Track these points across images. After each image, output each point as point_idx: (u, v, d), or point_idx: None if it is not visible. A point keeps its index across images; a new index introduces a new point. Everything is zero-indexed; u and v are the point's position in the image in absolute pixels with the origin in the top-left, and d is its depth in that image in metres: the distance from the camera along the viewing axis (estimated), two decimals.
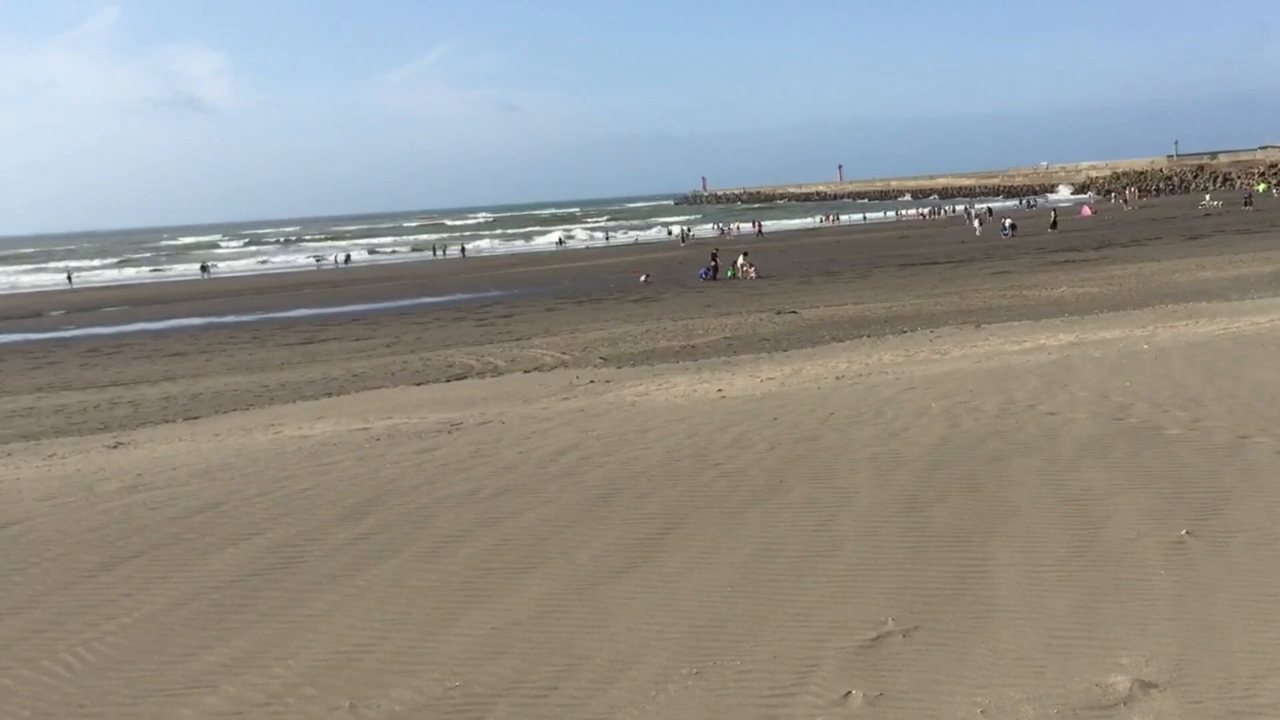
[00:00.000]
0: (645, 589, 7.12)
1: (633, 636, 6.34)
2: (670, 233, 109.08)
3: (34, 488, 12.23)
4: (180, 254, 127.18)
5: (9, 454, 16.78)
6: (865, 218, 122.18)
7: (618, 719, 5.37)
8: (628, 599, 6.97)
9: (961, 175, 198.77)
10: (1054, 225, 66.94)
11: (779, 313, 31.67)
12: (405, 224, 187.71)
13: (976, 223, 75.78)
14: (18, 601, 7.63)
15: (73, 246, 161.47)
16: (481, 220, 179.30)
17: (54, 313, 54.24)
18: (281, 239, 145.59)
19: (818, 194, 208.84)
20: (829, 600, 6.68)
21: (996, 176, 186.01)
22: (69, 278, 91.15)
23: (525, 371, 22.87)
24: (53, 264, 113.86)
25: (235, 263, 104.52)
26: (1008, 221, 70.44)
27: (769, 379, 17.37)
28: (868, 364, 18.27)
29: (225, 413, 20.58)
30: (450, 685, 5.85)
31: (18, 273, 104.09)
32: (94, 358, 33.78)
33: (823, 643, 6.04)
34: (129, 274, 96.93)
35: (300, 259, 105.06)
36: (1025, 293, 32.08)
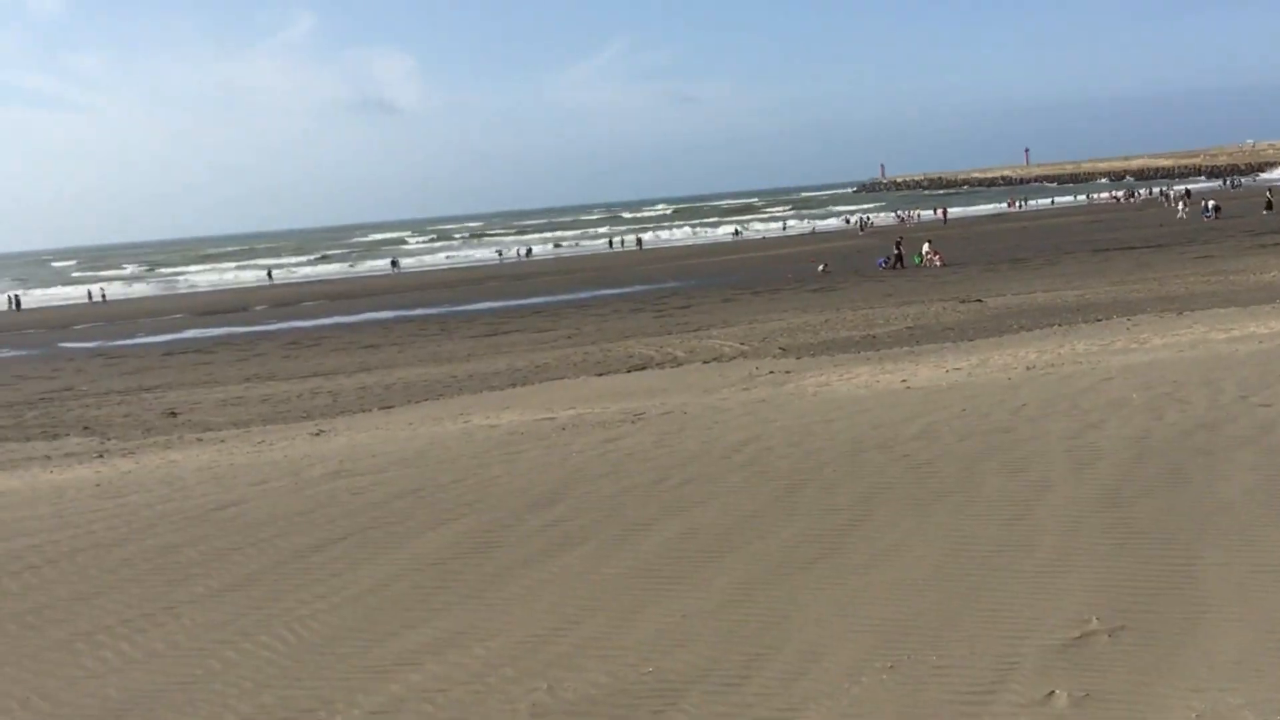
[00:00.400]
0: (835, 581, 7.06)
1: (823, 628, 6.29)
2: (848, 221, 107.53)
3: (246, 472, 12.99)
4: (371, 250, 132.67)
5: (222, 440, 17.87)
6: (1054, 202, 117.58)
7: (811, 711, 5.35)
8: (817, 590, 6.92)
9: (1159, 156, 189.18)
10: (1269, 207, 62.80)
11: (963, 301, 30.82)
12: (583, 217, 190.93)
13: (1180, 205, 71.90)
14: (237, 579, 8.13)
15: (272, 244, 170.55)
16: (660, 212, 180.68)
17: (258, 307, 57.40)
18: (466, 234, 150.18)
19: (1002, 179, 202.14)
20: (1027, 597, 6.47)
21: (1197, 156, 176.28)
22: (269, 274, 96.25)
23: (704, 362, 22.95)
24: (255, 261, 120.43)
25: (423, 258, 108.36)
26: (1210, 203, 66.66)
27: (955, 369, 16.94)
28: (1060, 354, 17.60)
29: (417, 402, 21.38)
30: (643, 671, 5.93)
31: (224, 270, 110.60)
32: (295, 350, 35.60)
33: (1022, 640, 5.86)
34: (324, 270, 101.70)
35: (484, 253, 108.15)
36: (1232, 278, 30.29)
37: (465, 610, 7.11)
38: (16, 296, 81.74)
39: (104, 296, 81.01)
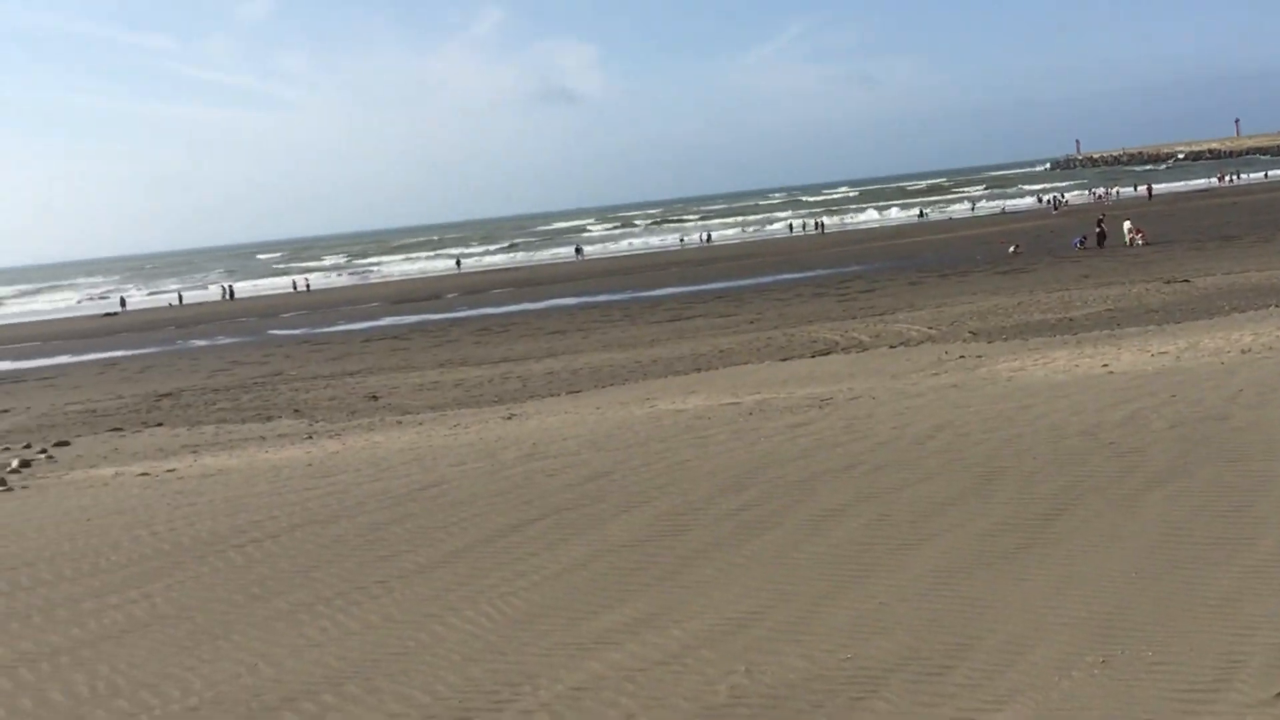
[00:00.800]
0: (1039, 571, 6.85)
1: (1028, 619, 6.11)
2: (1041, 200, 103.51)
3: (445, 454, 13.49)
4: (555, 238, 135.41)
5: (420, 423, 18.60)
6: (1267, 175, 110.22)
7: (1018, 703, 5.21)
8: (1019, 580, 6.73)
9: None
10: None
11: (1169, 282, 29.26)
12: (762, 201, 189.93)
13: None
14: (442, 556, 8.46)
15: (460, 234, 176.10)
16: (843, 195, 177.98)
17: (449, 295, 59.40)
18: (648, 220, 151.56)
19: (1209, 152, 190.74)
20: (1251, 592, 6.13)
21: None
22: (458, 263, 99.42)
23: (891, 347, 22.54)
24: (445, 251, 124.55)
25: (605, 244, 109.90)
26: None
27: (1161, 353, 16.12)
28: (1278, 336, 16.52)
29: (603, 387, 21.74)
30: (841, 657, 5.90)
31: (415, 260, 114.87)
32: (485, 336, 36.70)
33: (1247, 637, 5.56)
34: (511, 258, 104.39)
35: (665, 239, 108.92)
36: None
37: (660, 592, 7.21)
38: (230, 287, 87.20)
39: (308, 286, 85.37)
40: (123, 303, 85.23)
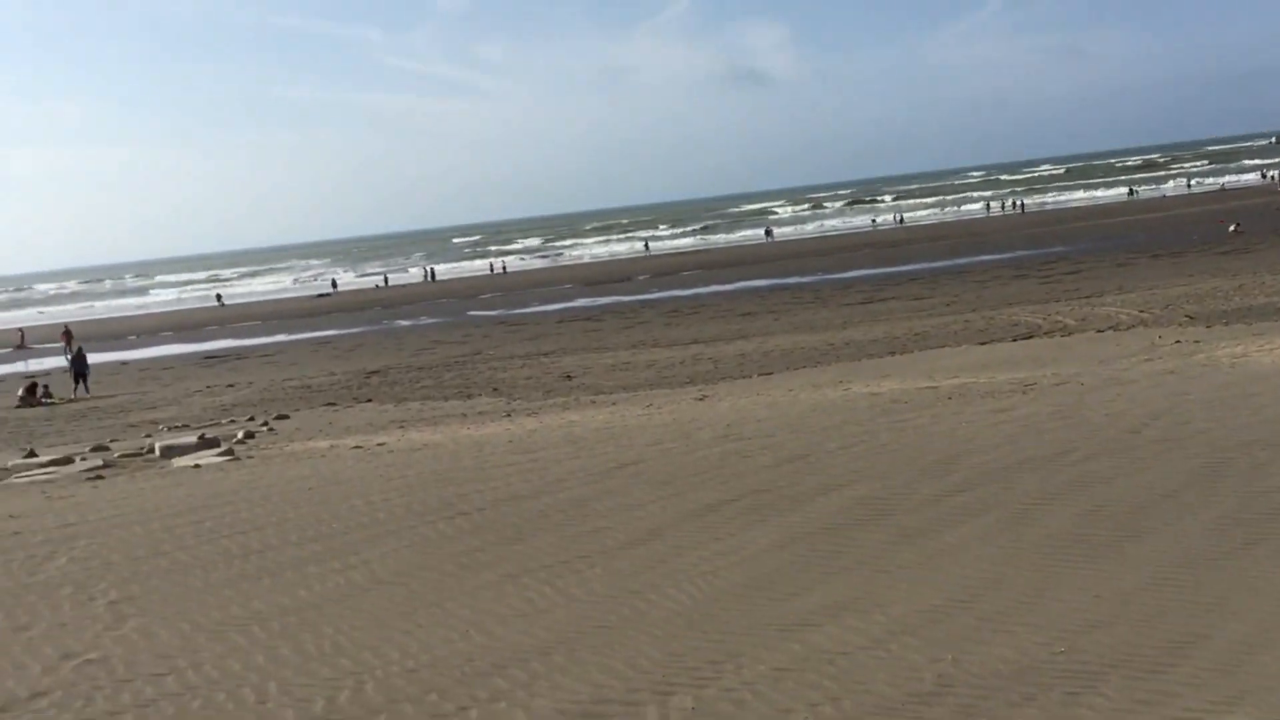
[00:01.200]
0: (1272, 569, 6.45)
1: (1259, 619, 5.77)
2: (1264, 176, 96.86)
3: (640, 433, 13.67)
4: (744, 220, 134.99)
5: (614, 403, 18.90)
6: None
7: (1248, 705, 4.93)
8: (1249, 578, 6.35)
9: None
10: None
11: None
12: (956, 181, 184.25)
13: None
14: (642, 533, 8.59)
15: (649, 217, 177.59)
16: (1045, 173, 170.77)
17: (639, 277, 60.07)
18: (839, 202, 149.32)
19: None
20: None
21: None
22: (646, 246, 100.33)
23: (1098, 331, 21.56)
24: (634, 234, 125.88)
25: (795, 226, 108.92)
26: None
27: None
28: None
29: (795, 369, 21.60)
30: (1054, 651, 5.70)
31: (608, 243, 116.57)
32: (676, 317, 36.97)
33: None
34: (699, 240, 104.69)
35: (857, 220, 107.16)
36: None
37: (861, 576, 7.13)
38: (431, 269, 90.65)
39: (504, 268, 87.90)
40: (334, 284, 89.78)
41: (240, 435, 18.13)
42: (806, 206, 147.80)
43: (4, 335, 64.70)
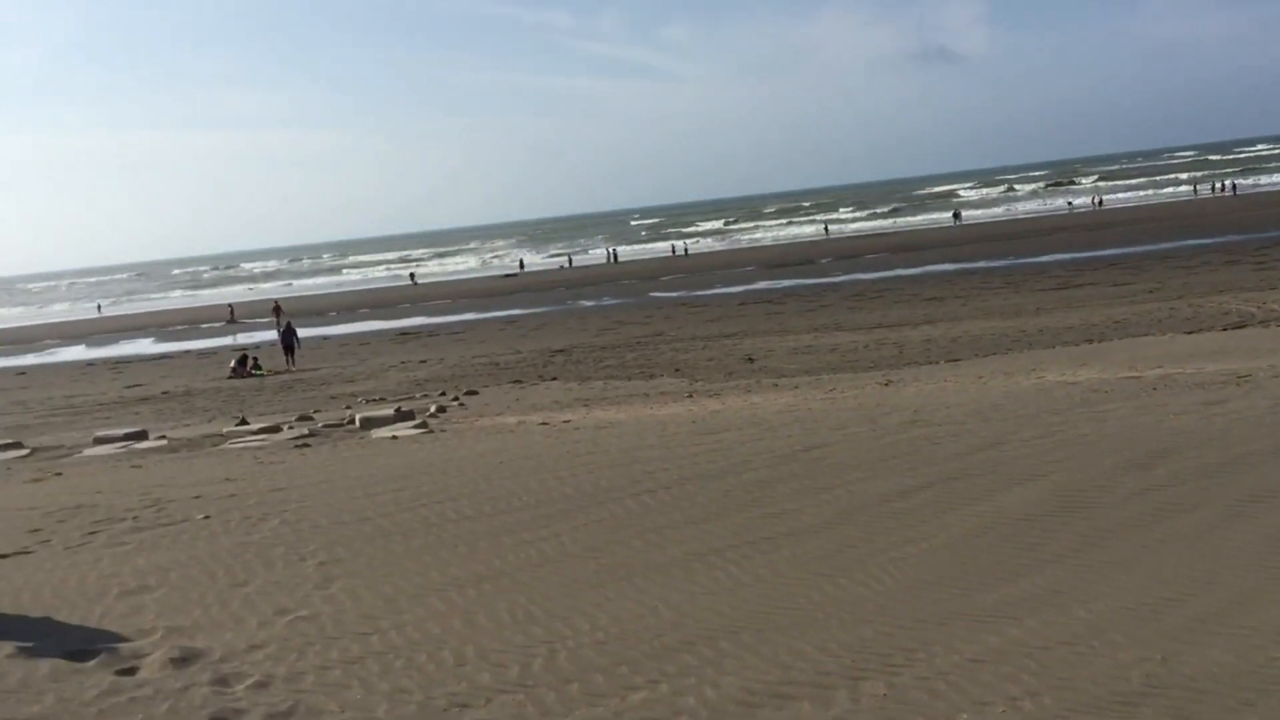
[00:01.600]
0: None
1: None
2: None
3: (825, 417, 13.53)
4: (930, 203, 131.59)
5: (796, 386, 18.77)
6: None
7: None
8: None
9: None
10: None
11: None
12: (1162, 161, 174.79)
13: None
14: (828, 517, 8.51)
15: (829, 199, 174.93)
16: (1261, 152, 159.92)
17: (822, 260, 59.38)
18: (1033, 184, 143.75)
19: None
20: None
21: None
22: (825, 229, 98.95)
23: None
24: (814, 217, 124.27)
25: (985, 210, 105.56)
26: None
27: None
28: None
29: (984, 356, 20.98)
30: (1273, 655, 5.38)
31: (788, 225, 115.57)
32: (859, 301, 36.40)
33: None
34: (885, 223, 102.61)
35: (1051, 203, 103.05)
36: None
37: (1061, 569, 6.88)
38: (614, 251, 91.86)
39: (686, 251, 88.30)
40: (521, 264, 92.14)
41: (433, 409, 18.81)
42: (997, 188, 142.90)
43: (217, 311, 68.93)
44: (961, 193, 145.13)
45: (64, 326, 74.69)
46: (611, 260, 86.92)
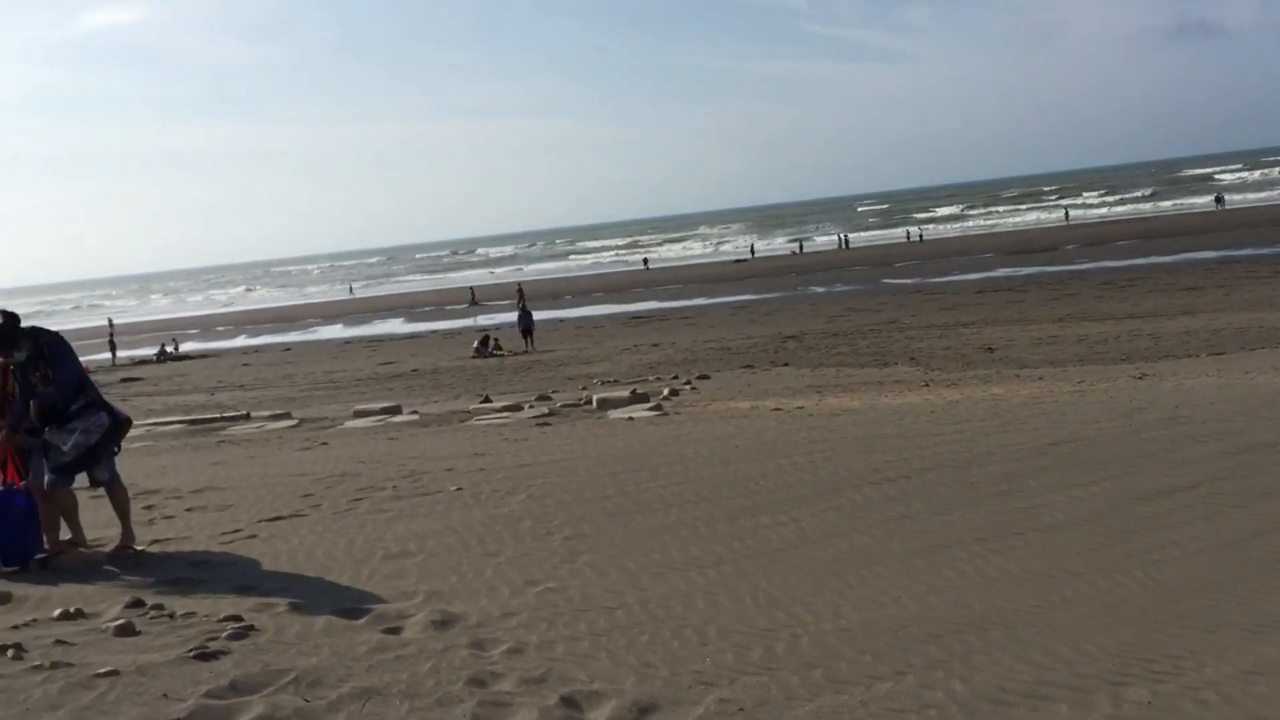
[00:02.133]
0: None
1: None
2: None
3: (1073, 410, 12.94)
4: (1185, 186, 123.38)
5: (1040, 378, 18.03)
6: None
7: None
8: None
9: None
10: None
11: None
12: None
13: None
14: (1082, 514, 8.14)
15: (1070, 184, 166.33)
16: None
17: (1067, 246, 56.71)
18: None
19: None
20: None
21: None
22: (1066, 215, 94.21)
23: None
24: (1056, 201, 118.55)
25: (1250, 194, 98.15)
26: None
27: None
28: None
29: (1251, 350, 19.58)
30: None
31: (1029, 210, 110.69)
32: (1108, 290, 34.59)
33: None
34: (1129, 209, 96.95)
35: None
36: None
37: None
38: (845, 236, 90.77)
39: (920, 237, 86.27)
40: (753, 250, 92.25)
41: (666, 392, 19.11)
42: (1267, 169, 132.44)
43: (458, 294, 72.18)
44: (1224, 176, 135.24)
45: (322, 307, 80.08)
46: (843, 246, 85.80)
